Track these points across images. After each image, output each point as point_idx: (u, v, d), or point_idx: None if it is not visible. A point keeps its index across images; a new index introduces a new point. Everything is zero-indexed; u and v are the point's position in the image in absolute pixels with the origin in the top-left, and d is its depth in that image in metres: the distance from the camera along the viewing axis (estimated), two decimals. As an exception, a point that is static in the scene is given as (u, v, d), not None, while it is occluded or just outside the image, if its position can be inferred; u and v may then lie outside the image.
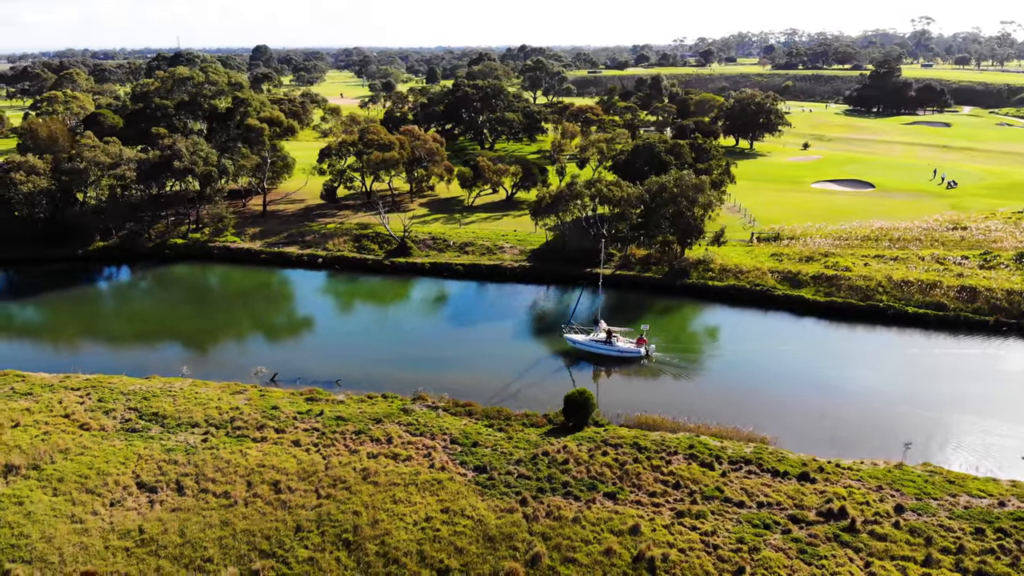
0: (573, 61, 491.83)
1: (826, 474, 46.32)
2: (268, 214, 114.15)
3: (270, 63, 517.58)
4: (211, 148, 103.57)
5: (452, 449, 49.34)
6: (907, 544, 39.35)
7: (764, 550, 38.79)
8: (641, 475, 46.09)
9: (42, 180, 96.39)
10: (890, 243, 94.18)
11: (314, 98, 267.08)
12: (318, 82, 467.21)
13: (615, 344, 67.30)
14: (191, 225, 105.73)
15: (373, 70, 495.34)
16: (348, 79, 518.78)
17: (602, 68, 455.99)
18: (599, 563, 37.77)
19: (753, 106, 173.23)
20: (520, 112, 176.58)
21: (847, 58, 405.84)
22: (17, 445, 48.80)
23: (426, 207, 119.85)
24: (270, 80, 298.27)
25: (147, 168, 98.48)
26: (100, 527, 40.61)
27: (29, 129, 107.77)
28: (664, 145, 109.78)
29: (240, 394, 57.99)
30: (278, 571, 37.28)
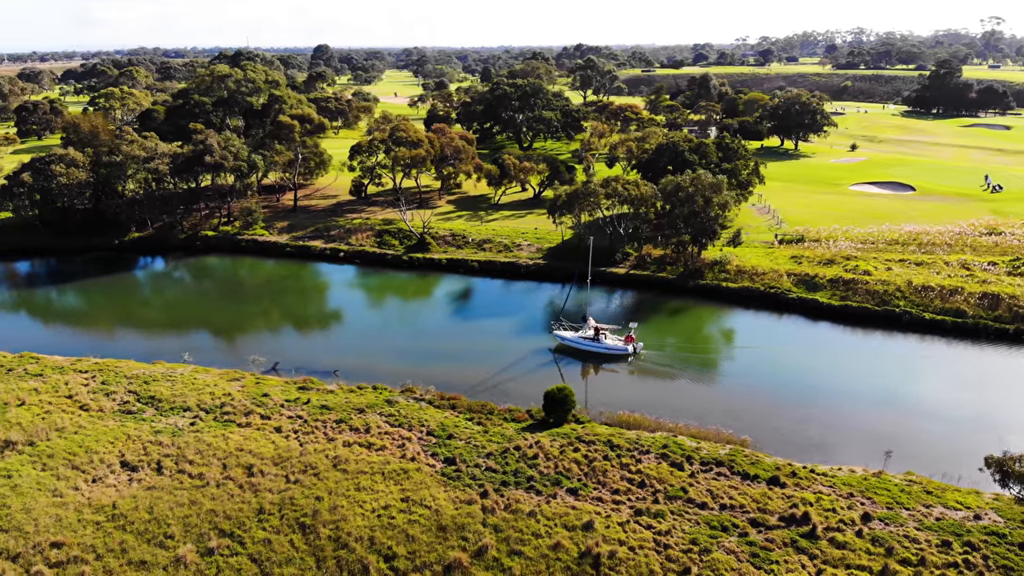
0: (628, 60, 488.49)
1: (798, 479, 45.45)
2: (299, 209, 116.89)
3: (330, 62, 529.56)
4: (243, 144, 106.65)
5: (427, 440, 50.07)
6: (866, 554, 38.42)
7: (715, 552, 38.40)
8: (608, 472, 46.02)
9: (80, 172, 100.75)
10: (917, 247, 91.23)
11: (365, 97, 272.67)
12: (375, 81, 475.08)
13: (602, 341, 67.19)
14: (222, 218, 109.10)
15: (429, 69, 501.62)
16: (406, 79, 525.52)
17: (656, 67, 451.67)
18: (545, 557, 37.96)
19: (798, 106, 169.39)
20: (559, 111, 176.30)
21: (911, 58, 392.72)
22: (19, 422, 51.44)
23: (453, 204, 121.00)
24: (323, 79, 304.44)
25: (180, 162, 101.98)
26: (78, 501, 42.58)
27: (72, 124, 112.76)
28: (688, 144, 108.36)
29: (236, 381, 59.85)
30: (233, 550, 38.56)
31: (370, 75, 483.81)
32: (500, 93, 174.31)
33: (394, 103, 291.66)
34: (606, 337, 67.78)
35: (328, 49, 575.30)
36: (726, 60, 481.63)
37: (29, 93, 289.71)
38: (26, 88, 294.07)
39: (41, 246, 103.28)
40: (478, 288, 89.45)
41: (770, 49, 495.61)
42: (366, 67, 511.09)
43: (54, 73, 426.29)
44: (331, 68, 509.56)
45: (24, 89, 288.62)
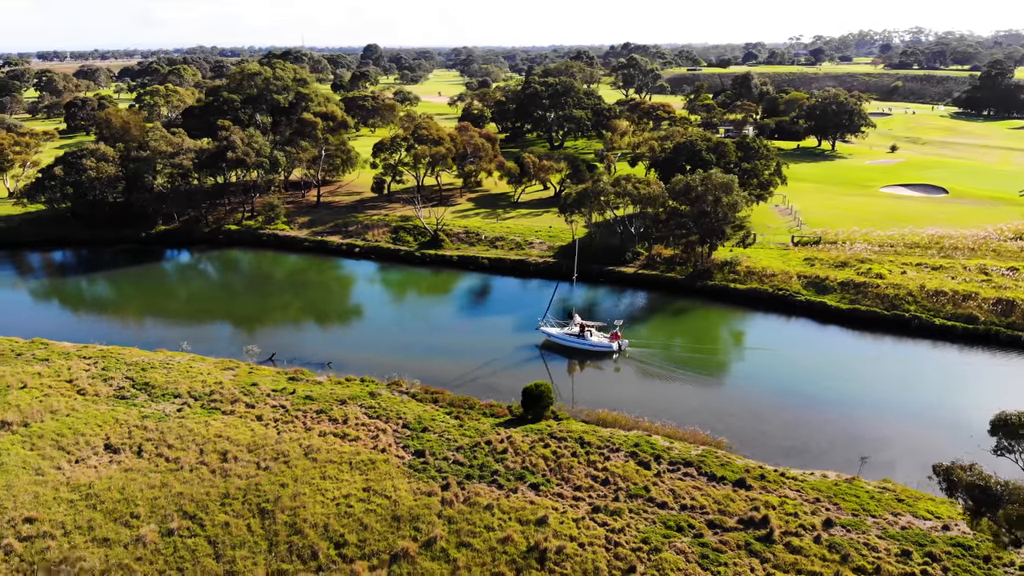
0: (674, 59, 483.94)
1: (765, 482, 44.82)
2: (321, 205, 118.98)
3: (379, 62, 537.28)
4: (266, 140, 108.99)
5: (401, 433, 50.73)
6: (820, 560, 37.76)
7: (665, 552, 38.17)
8: (574, 469, 46.05)
9: (110, 167, 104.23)
10: (938, 251, 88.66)
11: (406, 96, 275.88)
12: (421, 80, 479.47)
13: (587, 338, 67.11)
14: (246, 213, 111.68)
15: (475, 69, 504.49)
16: (453, 78, 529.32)
17: (703, 66, 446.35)
18: (492, 550, 38.23)
19: (835, 106, 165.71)
20: (590, 109, 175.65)
21: (966, 59, 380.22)
22: (17, 404, 53.69)
23: (473, 202, 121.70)
24: (366, 78, 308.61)
25: (204, 158, 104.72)
26: (57, 480, 44.33)
27: (105, 119, 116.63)
28: (707, 144, 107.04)
29: (230, 370, 61.42)
30: (192, 531, 39.73)
31: (416, 74, 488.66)
32: (531, 92, 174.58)
33: (437, 102, 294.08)
34: (591, 334, 67.73)
35: (377, 49, 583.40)
36: (776, 59, 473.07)
37: (84, 90, 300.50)
38: (80, 85, 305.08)
39: (72, 238, 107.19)
40: (484, 285, 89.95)
41: (821, 48, 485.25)
42: (413, 67, 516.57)
43: (111, 71, 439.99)
44: (380, 67, 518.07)
45: (78, 86, 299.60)
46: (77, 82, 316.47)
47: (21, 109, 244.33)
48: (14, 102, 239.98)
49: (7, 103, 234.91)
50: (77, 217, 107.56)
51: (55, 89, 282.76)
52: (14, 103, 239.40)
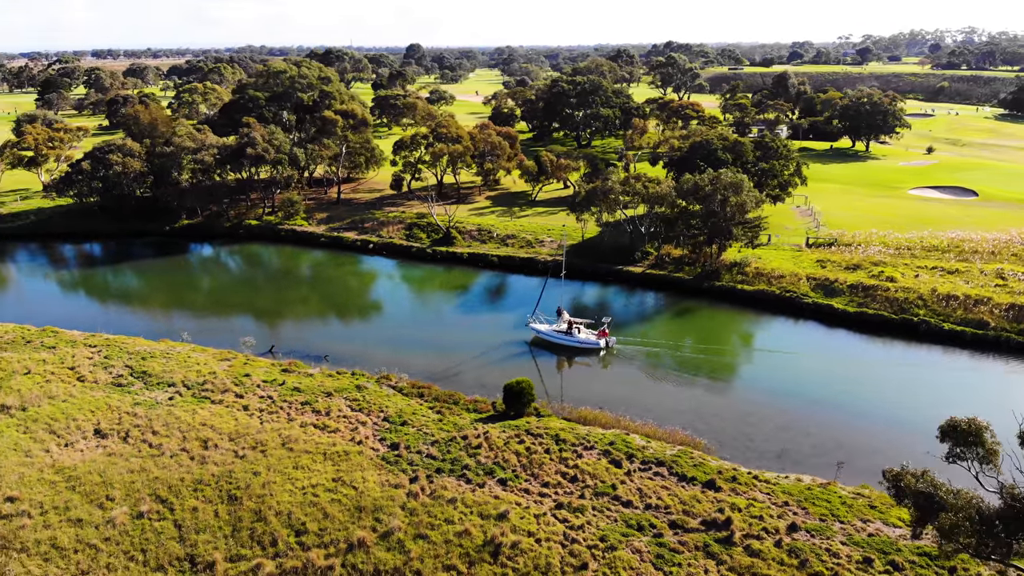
0: (716, 57, 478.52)
1: (736, 484, 44.34)
2: (341, 202, 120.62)
3: (422, 61, 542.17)
4: (286, 137, 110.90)
5: (381, 426, 51.36)
6: (777, 564, 37.28)
7: (621, 550, 38.06)
8: (544, 466, 46.14)
9: (135, 162, 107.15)
10: (956, 255, 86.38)
11: (442, 95, 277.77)
12: (461, 80, 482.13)
13: (575, 335, 67.16)
14: (266, 209, 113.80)
15: (515, 68, 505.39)
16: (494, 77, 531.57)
17: (745, 65, 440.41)
18: (448, 542, 38.55)
19: (868, 106, 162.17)
20: (618, 108, 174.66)
21: (1016, 59, 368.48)
22: (18, 389, 55.69)
23: (491, 200, 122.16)
24: (403, 77, 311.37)
25: (225, 154, 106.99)
26: (44, 462, 45.92)
27: (133, 116, 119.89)
28: (723, 142, 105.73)
29: (226, 361, 62.82)
30: (161, 515, 40.83)
31: (456, 74, 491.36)
32: (558, 91, 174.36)
33: (473, 101, 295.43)
34: (579, 331, 67.80)
35: (420, 48, 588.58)
36: (821, 59, 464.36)
37: (131, 87, 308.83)
38: (126, 82, 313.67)
39: (99, 230, 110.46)
40: (490, 282, 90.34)
41: (868, 48, 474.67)
42: (453, 66, 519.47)
43: (160, 69, 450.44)
44: (422, 67, 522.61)
45: (124, 83, 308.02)
46: (123, 80, 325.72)
47: (68, 105, 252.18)
48: (60, 98, 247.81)
49: (53, 99, 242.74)
50: (104, 210, 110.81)
51: (102, 86, 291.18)
52: (60, 99, 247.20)
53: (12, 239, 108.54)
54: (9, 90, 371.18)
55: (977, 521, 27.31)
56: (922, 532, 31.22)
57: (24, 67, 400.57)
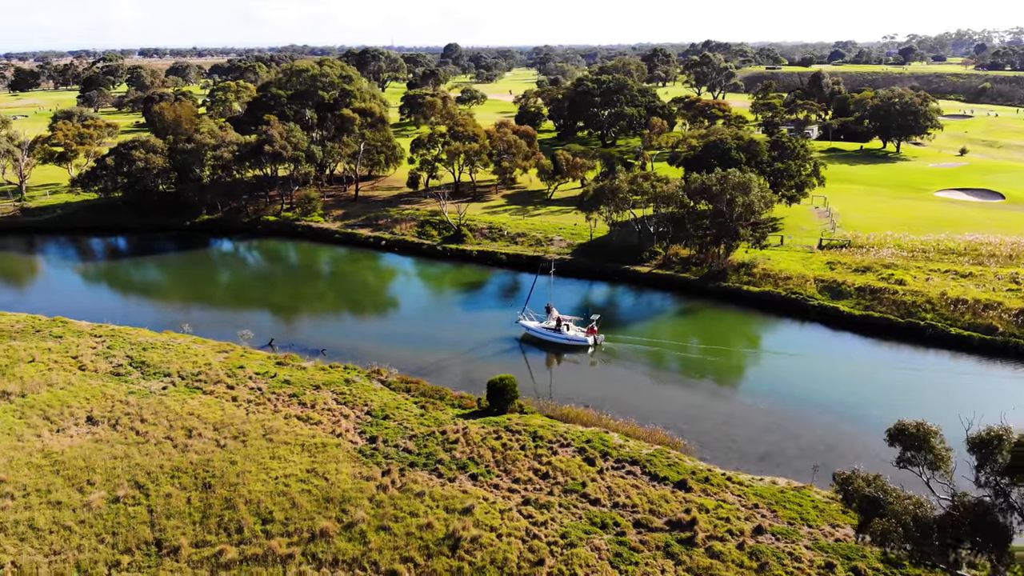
0: (755, 57, 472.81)
1: (708, 485, 44.00)
2: (359, 199, 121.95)
3: (459, 61, 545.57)
4: (304, 135, 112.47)
5: (363, 419, 51.99)
6: (736, 566, 36.93)
7: (580, 547, 38.06)
8: (518, 462, 46.29)
9: (158, 158, 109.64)
10: (972, 258, 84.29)
11: (473, 94, 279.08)
12: (497, 79, 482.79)
13: (564, 332, 67.26)
14: (284, 205, 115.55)
15: (551, 67, 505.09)
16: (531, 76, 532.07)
17: (784, 64, 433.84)
18: (410, 535, 38.92)
19: (898, 106, 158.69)
20: (643, 107, 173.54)
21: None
22: (20, 376, 57.58)
23: (507, 198, 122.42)
24: (435, 77, 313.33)
25: (244, 151, 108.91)
26: (34, 447, 47.44)
27: (158, 112, 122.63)
28: (738, 141, 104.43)
29: (223, 353, 64.09)
30: (136, 500, 41.94)
31: (492, 73, 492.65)
32: (582, 89, 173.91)
33: (505, 100, 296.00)
34: (568, 328, 67.92)
35: (457, 48, 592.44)
36: (863, 59, 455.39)
37: (172, 85, 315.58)
38: (167, 81, 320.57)
39: (123, 224, 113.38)
40: (496, 280, 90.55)
41: (911, 48, 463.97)
42: (489, 65, 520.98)
43: (203, 68, 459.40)
44: (459, 66, 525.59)
45: (165, 82, 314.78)
46: (164, 78, 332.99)
47: (108, 103, 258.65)
48: (100, 96, 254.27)
49: (94, 97, 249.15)
50: (128, 205, 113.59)
51: (142, 84, 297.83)
52: (100, 97, 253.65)
53: (40, 232, 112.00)
54: (55, 87, 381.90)
55: (912, 527, 26.77)
56: (863, 538, 30.66)
57: (69, 65, 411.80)
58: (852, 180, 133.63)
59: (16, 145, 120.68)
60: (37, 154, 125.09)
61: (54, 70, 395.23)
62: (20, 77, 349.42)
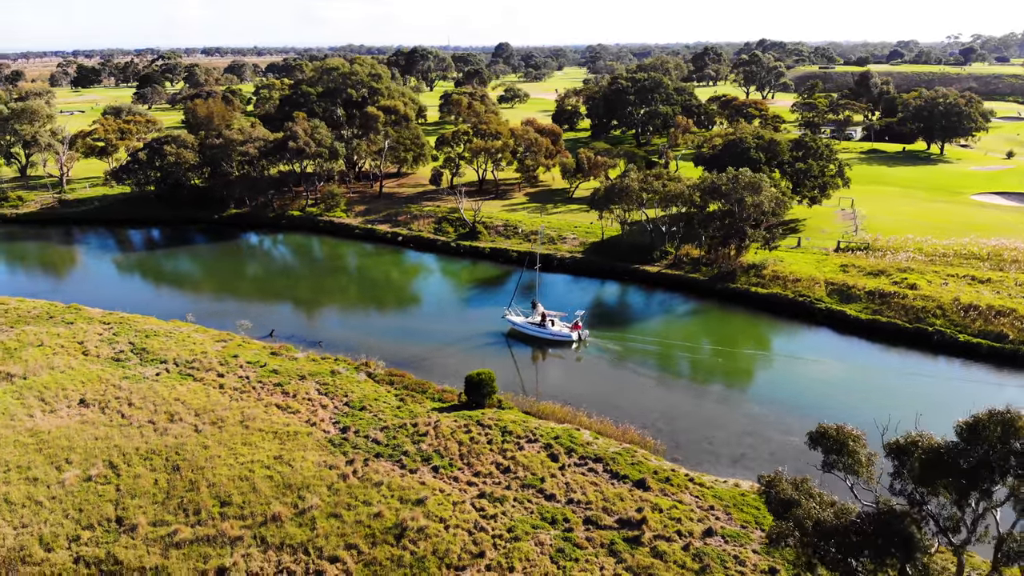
0: (809, 56, 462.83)
1: (667, 485, 43.62)
2: (383, 195, 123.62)
3: (510, 60, 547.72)
4: (328, 132, 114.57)
5: (340, 410, 52.94)
6: (677, 567, 36.60)
7: (524, 541, 38.19)
8: (482, 456, 46.59)
9: (189, 153, 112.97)
10: (995, 263, 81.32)
11: (516, 93, 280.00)
12: (545, 77, 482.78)
13: (548, 327, 67.43)
14: (309, 200, 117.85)
15: (601, 66, 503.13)
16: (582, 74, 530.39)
17: (839, 64, 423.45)
18: (359, 523, 39.58)
19: (942, 107, 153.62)
20: (678, 105, 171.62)
21: None
22: (26, 360, 60.21)
23: (529, 196, 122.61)
24: (480, 76, 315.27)
25: (269, 147, 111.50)
26: (24, 427, 49.61)
27: (191, 109, 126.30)
28: (758, 141, 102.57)
29: (221, 342, 65.88)
30: (108, 479, 43.57)
31: (541, 72, 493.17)
32: (616, 88, 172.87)
33: (549, 98, 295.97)
34: (553, 323, 68.15)
35: (508, 47, 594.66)
36: (922, 59, 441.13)
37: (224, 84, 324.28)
38: (221, 79, 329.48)
39: (156, 217, 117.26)
40: (504, 277, 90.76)
41: (972, 48, 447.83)
42: (538, 64, 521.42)
43: (259, 67, 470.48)
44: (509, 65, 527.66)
45: (219, 80, 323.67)
46: (218, 76, 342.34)
47: (162, 100, 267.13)
48: (154, 93, 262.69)
49: (148, 94, 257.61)
50: (160, 199, 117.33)
51: (196, 82, 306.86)
52: (154, 94, 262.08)
53: (77, 223, 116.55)
54: (115, 84, 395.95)
55: (811, 533, 26.23)
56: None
57: (130, 63, 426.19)
58: (887, 182, 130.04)
59: (58, 139, 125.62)
60: (79, 148, 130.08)
61: (115, 67, 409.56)
62: (82, 74, 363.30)
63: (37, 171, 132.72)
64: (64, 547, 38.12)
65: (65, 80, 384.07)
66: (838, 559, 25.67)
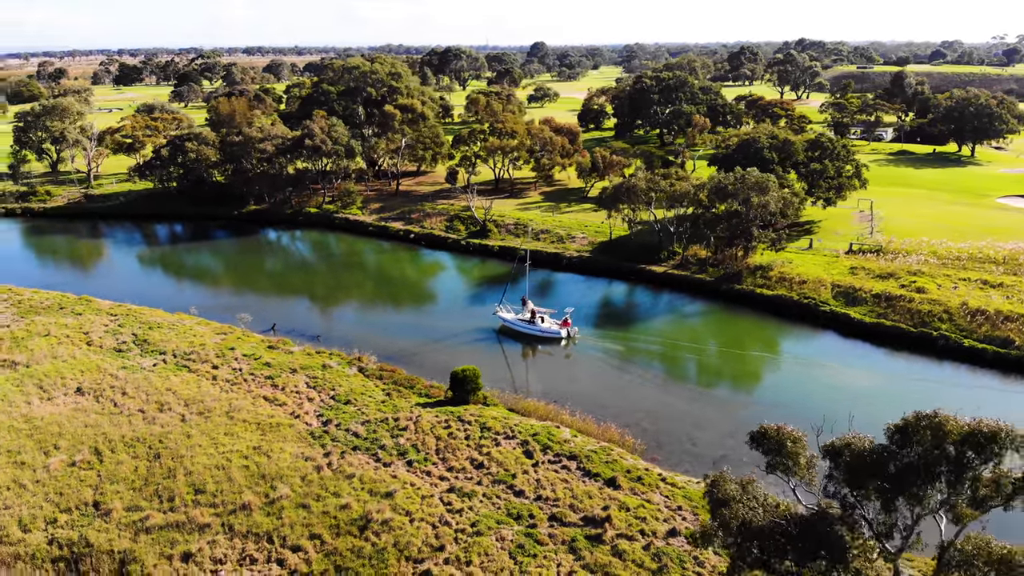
0: (848, 56, 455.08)
1: (638, 484, 43.46)
2: (399, 193, 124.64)
3: (545, 59, 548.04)
4: (345, 130, 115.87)
5: (326, 403, 53.68)
6: (635, 566, 36.49)
7: (486, 536, 38.40)
8: (458, 451, 46.90)
9: (209, 150, 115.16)
10: (1010, 268, 79.25)
11: (546, 92, 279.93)
12: (580, 77, 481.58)
13: (537, 324, 67.80)
14: (326, 197, 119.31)
15: (636, 65, 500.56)
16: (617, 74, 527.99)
17: (878, 63, 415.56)
18: (326, 513, 40.17)
19: (972, 108, 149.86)
20: (703, 104, 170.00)
21: None
22: (31, 349, 62.05)
23: (544, 195, 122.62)
24: (510, 75, 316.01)
25: (286, 145, 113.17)
26: (19, 413, 51.19)
27: (214, 107, 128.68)
28: (772, 141, 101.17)
29: (222, 335, 67.15)
30: (91, 465, 44.79)
31: (575, 71, 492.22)
32: (640, 87, 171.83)
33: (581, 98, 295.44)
34: (543, 320, 68.48)
35: (543, 47, 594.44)
36: (964, 59, 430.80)
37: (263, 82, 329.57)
38: (256, 77, 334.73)
39: (178, 212, 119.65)
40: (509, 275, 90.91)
41: (1016, 48, 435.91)
42: (572, 64, 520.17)
43: (297, 66, 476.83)
44: (544, 65, 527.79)
45: (254, 79, 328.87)
46: (253, 74, 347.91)
47: (198, 98, 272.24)
48: (191, 91, 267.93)
49: (184, 92, 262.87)
50: (182, 194, 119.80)
51: (233, 81, 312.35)
52: (191, 92, 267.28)
53: (102, 217, 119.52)
54: (156, 82, 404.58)
55: (735, 533, 26.02)
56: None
57: (170, 61, 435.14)
58: (912, 184, 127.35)
59: (86, 136, 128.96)
60: (108, 144, 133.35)
61: (156, 66, 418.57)
62: (124, 72, 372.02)
63: (67, 167, 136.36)
64: (41, 529, 39.33)
65: (108, 78, 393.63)
66: (761, 560, 25.42)
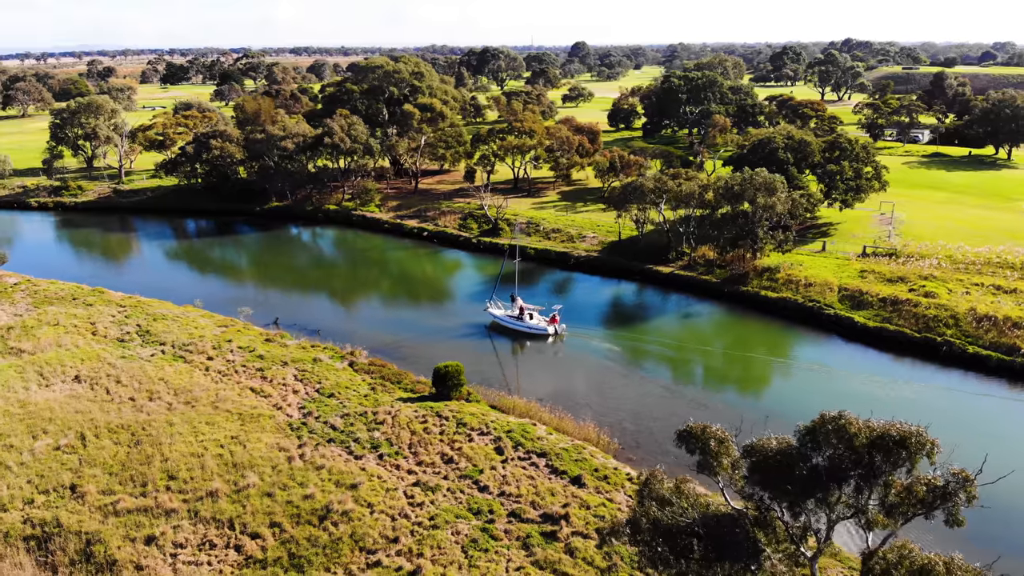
0: (894, 56, 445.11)
1: (603, 483, 43.35)
2: (418, 192, 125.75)
3: (586, 59, 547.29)
4: (364, 128, 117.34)
5: (311, 396, 54.58)
6: (585, 563, 36.46)
7: (442, 530, 38.71)
8: (430, 446, 47.31)
9: (233, 147, 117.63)
10: (1027, 274, 76.97)
11: (580, 92, 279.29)
12: (619, 76, 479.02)
13: (526, 320, 68.03)
14: (346, 195, 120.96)
15: (677, 64, 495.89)
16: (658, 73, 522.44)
17: (924, 64, 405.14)
18: (289, 503, 40.90)
19: (1008, 110, 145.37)
20: (733, 104, 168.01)
21: None
22: (38, 337, 64.24)
23: (561, 194, 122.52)
24: (545, 76, 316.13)
25: (307, 143, 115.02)
26: (17, 398, 53.10)
27: (240, 105, 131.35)
28: (787, 141, 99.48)
29: (223, 327, 68.66)
30: (74, 449, 46.26)
31: (615, 71, 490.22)
32: (668, 87, 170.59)
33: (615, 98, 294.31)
34: (532, 317, 68.72)
35: (584, 46, 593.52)
36: (1014, 61, 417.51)
37: (302, 81, 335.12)
38: (296, 77, 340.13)
39: (203, 208, 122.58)
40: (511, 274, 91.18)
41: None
42: (612, 63, 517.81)
43: (340, 66, 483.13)
44: (585, 64, 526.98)
45: (295, 78, 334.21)
46: (295, 74, 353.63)
47: (239, 97, 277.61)
48: (231, 90, 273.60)
49: (225, 91, 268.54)
50: (206, 190, 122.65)
51: (274, 80, 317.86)
52: (231, 91, 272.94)
53: (130, 212, 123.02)
54: (202, 81, 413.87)
55: (645, 532, 25.89)
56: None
57: (216, 61, 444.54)
58: (940, 187, 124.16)
59: (117, 133, 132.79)
60: (140, 141, 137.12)
61: (202, 65, 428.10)
62: (171, 71, 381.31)
63: (100, 163, 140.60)
64: (18, 509, 40.78)
65: (155, 77, 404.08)
66: (669, 559, 25.27)
